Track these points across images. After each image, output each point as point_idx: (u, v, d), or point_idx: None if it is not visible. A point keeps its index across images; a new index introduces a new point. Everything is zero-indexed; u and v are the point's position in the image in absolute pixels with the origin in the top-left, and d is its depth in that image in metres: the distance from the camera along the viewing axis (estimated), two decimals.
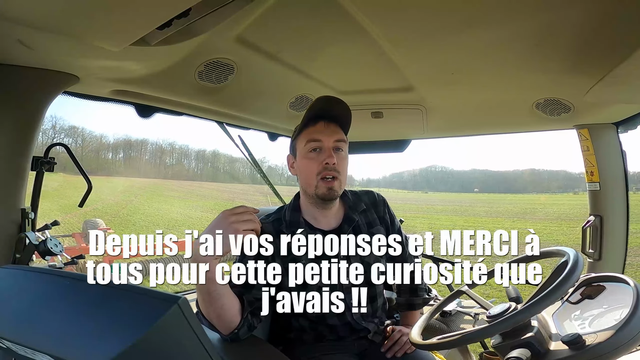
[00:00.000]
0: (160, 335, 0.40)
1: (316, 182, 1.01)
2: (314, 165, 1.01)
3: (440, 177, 65.55)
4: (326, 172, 1.00)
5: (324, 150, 1.01)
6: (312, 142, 1.01)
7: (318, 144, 1.01)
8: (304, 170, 1.03)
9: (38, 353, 0.43)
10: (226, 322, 0.87)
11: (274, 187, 1.88)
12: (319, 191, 1.01)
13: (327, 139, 1.01)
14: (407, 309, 1.20)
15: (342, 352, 1.05)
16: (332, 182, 1.01)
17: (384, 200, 1.16)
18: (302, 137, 1.03)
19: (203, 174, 54.92)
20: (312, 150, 1.01)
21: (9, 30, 0.74)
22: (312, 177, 1.01)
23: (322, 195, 1.01)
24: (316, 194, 1.02)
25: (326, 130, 1.02)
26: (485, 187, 50.30)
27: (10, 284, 0.55)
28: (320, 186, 1.01)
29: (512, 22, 0.94)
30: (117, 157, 52.06)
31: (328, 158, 1.00)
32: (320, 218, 1.07)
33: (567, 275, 0.73)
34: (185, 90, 1.23)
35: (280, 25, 0.99)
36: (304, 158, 1.03)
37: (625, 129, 1.52)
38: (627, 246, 1.56)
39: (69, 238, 7.66)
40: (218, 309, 0.85)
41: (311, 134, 1.02)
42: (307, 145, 1.02)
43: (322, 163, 1.00)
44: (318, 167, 1.00)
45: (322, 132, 1.01)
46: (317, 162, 1.01)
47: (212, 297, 0.83)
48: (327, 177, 1.00)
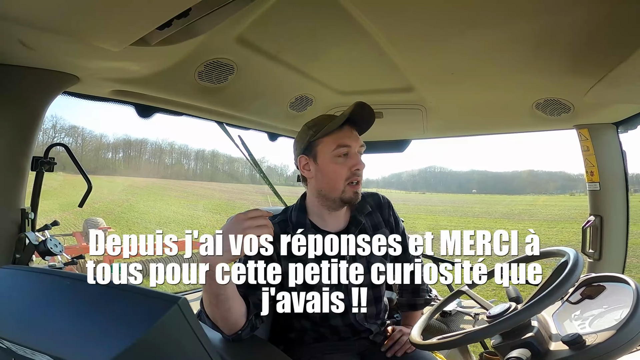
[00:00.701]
0: (160, 335, 0.40)
1: (344, 186, 1.01)
2: (343, 170, 1.01)
3: (439, 177, 65.82)
4: (354, 177, 1.01)
5: (351, 155, 1.01)
6: (343, 147, 1.01)
7: (347, 149, 1.01)
8: (331, 175, 1.02)
9: (38, 353, 0.43)
10: (231, 324, 0.87)
11: (274, 188, 1.88)
12: (346, 195, 1.02)
13: (355, 144, 1.02)
14: (409, 309, 1.21)
15: (343, 352, 1.05)
16: (358, 187, 1.03)
17: (389, 202, 1.16)
18: (329, 141, 1.02)
19: (202, 173, 55.12)
20: (341, 155, 1.01)
21: (9, 30, 0.74)
22: (341, 181, 1.01)
23: (348, 199, 1.02)
24: (342, 198, 1.02)
25: (352, 135, 1.03)
26: (483, 188, 50.60)
27: (10, 284, 0.55)
28: (348, 190, 1.02)
29: (512, 23, 0.94)
30: (117, 156, 52.26)
31: (358, 164, 1.01)
32: (329, 220, 1.07)
33: (567, 276, 0.73)
34: (185, 90, 1.23)
35: (280, 25, 0.99)
36: (332, 163, 1.02)
37: (625, 129, 1.52)
38: (627, 246, 1.56)
39: (70, 237, 7.66)
40: (225, 311, 0.84)
41: (341, 138, 1.01)
42: (336, 150, 1.01)
43: (350, 168, 1.01)
44: (347, 173, 1.01)
45: (350, 137, 1.02)
46: (346, 167, 1.01)
47: (219, 300, 0.82)
48: (354, 182, 1.01)
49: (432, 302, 1.57)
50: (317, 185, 1.05)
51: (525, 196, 36.29)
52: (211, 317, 0.86)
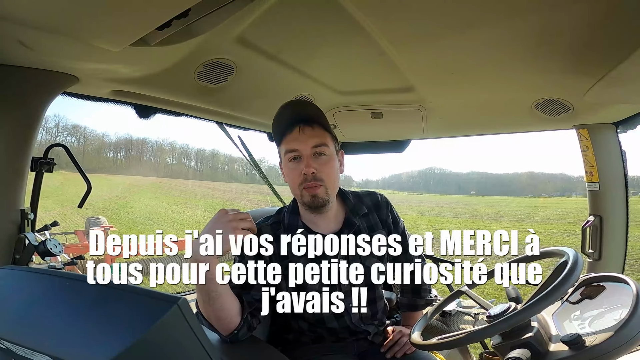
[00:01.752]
0: (160, 335, 0.40)
1: (300, 191, 1.00)
2: (295, 176, 0.99)
3: (438, 179, 66.01)
4: (306, 182, 0.98)
5: (303, 158, 0.98)
6: (290, 153, 0.99)
7: (295, 153, 0.99)
8: (288, 180, 1.03)
9: (37, 354, 0.43)
10: (226, 323, 0.87)
11: (274, 188, 1.88)
12: (304, 199, 1.00)
13: (304, 146, 0.98)
14: (409, 310, 1.20)
15: (342, 353, 1.05)
16: (316, 190, 0.98)
17: (387, 202, 1.14)
18: (282, 146, 1.02)
19: (201, 173, 55.27)
20: (291, 160, 1.00)
21: (9, 30, 0.74)
22: (295, 187, 1.00)
23: (307, 203, 1.00)
24: (304, 202, 1.01)
25: (302, 137, 0.98)
26: (482, 189, 50.78)
27: (10, 285, 0.55)
28: (305, 194, 0.99)
29: (511, 22, 0.94)
30: (118, 155, 52.39)
31: (305, 169, 0.97)
32: (319, 222, 1.05)
33: (567, 276, 0.73)
34: (184, 90, 1.23)
35: (280, 25, 0.99)
36: (286, 168, 1.02)
37: (625, 129, 1.52)
38: (627, 246, 1.56)
39: (72, 235, 7.67)
40: (217, 309, 0.85)
41: (288, 143, 0.99)
42: (286, 155, 1.00)
43: (301, 173, 0.98)
44: (299, 178, 0.98)
45: (298, 139, 0.98)
46: (297, 172, 0.99)
47: (211, 298, 0.83)
48: (308, 186, 0.98)
49: (432, 302, 1.57)
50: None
51: (524, 198, 36.59)
52: (206, 316, 0.86)
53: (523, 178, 55.35)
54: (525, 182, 52.70)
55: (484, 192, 47.12)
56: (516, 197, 36.83)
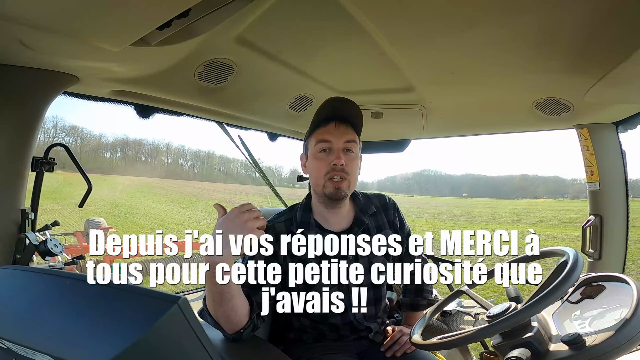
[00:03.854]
0: (160, 335, 0.40)
1: (324, 182, 1.02)
2: (322, 166, 1.02)
3: (432, 180, 66.30)
4: (334, 173, 1.01)
5: (333, 151, 1.02)
6: (322, 143, 1.03)
7: (328, 144, 1.02)
8: (313, 170, 1.05)
9: (38, 353, 0.43)
10: (234, 323, 0.87)
11: (274, 188, 1.88)
12: (327, 190, 1.02)
13: (337, 140, 1.02)
14: (412, 310, 1.20)
15: (342, 352, 1.05)
16: (340, 183, 1.02)
17: (395, 204, 1.17)
18: (313, 138, 1.05)
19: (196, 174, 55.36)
20: (321, 151, 1.03)
21: (9, 30, 0.74)
22: (321, 177, 1.03)
23: (329, 195, 1.03)
24: (324, 193, 1.03)
25: (336, 132, 1.03)
26: (474, 191, 51.02)
27: (11, 285, 0.55)
28: (328, 186, 1.02)
29: (512, 22, 0.94)
30: (115, 156, 52.54)
31: (336, 159, 1.01)
32: (331, 218, 1.07)
33: (567, 275, 0.73)
34: (185, 90, 1.23)
35: (280, 25, 0.99)
36: (314, 158, 1.04)
37: (625, 129, 1.52)
38: (627, 246, 1.56)
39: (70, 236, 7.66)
40: (228, 310, 0.84)
41: (322, 134, 1.03)
42: (317, 145, 1.03)
43: (330, 164, 1.01)
44: (326, 168, 1.02)
45: (332, 133, 1.03)
46: (325, 162, 1.02)
47: (224, 299, 0.82)
48: (334, 177, 1.01)
49: (434, 303, 1.57)
50: (310, 182, 1.08)
51: (513, 200, 36.99)
52: (214, 315, 0.86)
53: (516, 180, 55.58)
54: (517, 185, 52.98)
55: (476, 194, 47.38)
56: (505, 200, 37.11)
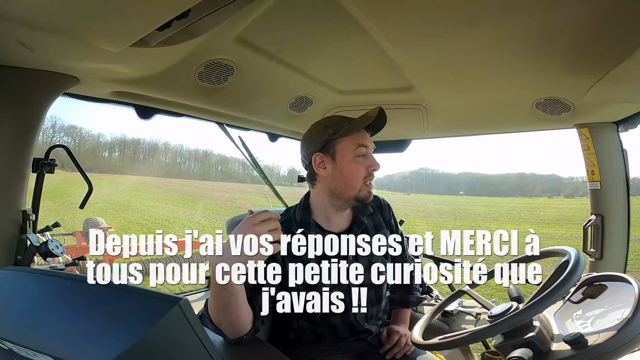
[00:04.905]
0: (161, 336, 0.40)
1: (361, 185, 1.04)
2: (361, 170, 1.04)
3: (430, 179, 66.56)
4: (370, 177, 1.05)
5: (368, 155, 1.05)
6: (362, 147, 1.04)
7: (366, 150, 1.05)
8: (349, 174, 1.04)
9: (39, 354, 0.43)
10: (237, 331, 0.86)
11: (274, 188, 1.88)
12: (362, 194, 1.04)
13: (371, 145, 1.08)
14: (401, 306, 1.20)
15: (341, 354, 1.05)
16: (371, 187, 1.07)
17: (389, 204, 1.18)
18: (349, 141, 1.04)
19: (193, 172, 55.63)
20: (361, 155, 1.05)
21: (9, 31, 0.74)
22: (359, 180, 1.04)
23: (363, 198, 1.05)
24: (356, 197, 1.05)
25: (369, 140, 1.08)
26: (471, 190, 51.24)
27: (12, 286, 0.55)
28: (363, 189, 1.04)
29: (512, 21, 0.94)
30: (113, 155, 52.77)
31: (375, 165, 1.06)
32: (334, 220, 1.08)
33: (569, 275, 0.73)
34: (185, 91, 1.23)
35: (280, 25, 0.99)
36: (352, 162, 1.04)
37: (626, 128, 1.52)
38: (629, 245, 1.55)
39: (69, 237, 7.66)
40: (234, 319, 0.84)
41: (361, 139, 1.05)
42: (357, 149, 1.04)
43: (368, 168, 1.04)
44: (365, 172, 1.04)
45: (367, 139, 1.07)
46: (363, 166, 1.04)
47: (229, 309, 0.81)
48: (368, 181, 1.05)
49: (431, 302, 1.57)
50: (331, 184, 1.05)
51: (505, 198, 37.12)
52: (216, 323, 0.85)
53: (513, 179, 55.73)
54: (514, 183, 53.14)
55: (473, 192, 47.54)
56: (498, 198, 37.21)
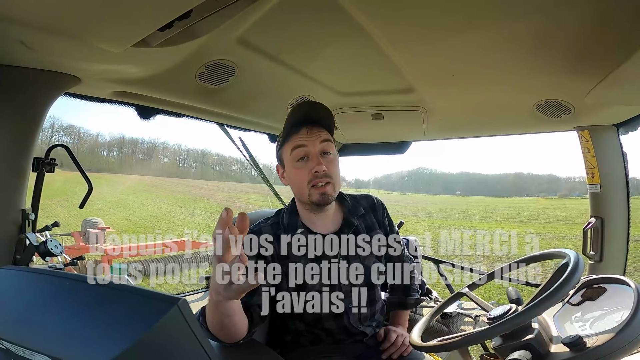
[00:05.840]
0: (159, 336, 0.40)
1: (308, 190, 0.99)
2: (303, 174, 0.99)
3: (427, 179, 66.68)
4: (317, 180, 0.98)
5: (311, 157, 0.99)
6: (299, 149, 0.98)
7: (304, 149, 0.98)
8: (295, 180, 1.02)
9: (37, 354, 0.43)
10: (233, 338, 0.86)
11: (274, 188, 1.88)
12: (313, 198, 0.99)
13: (313, 143, 0.99)
14: (399, 308, 1.19)
15: (339, 355, 1.05)
16: (325, 188, 0.99)
17: (383, 204, 1.15)
18: (287, 146, 1.01)
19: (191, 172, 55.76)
20: (299, 160, 0.99)
21: (10, 31, 0.75)
22: (304, 186, 0.99)
23: (317, 202, 1.00)
24: (311, 201, 1.00)
25: (310, 136, 0.99)
26: (467, 190, 51.40)
27: (10, 285, 0.55)
28: (313, 193, 0.99)
29: (512, 24, 0.94)
30: (111, 154, 52.91)
31: (317, 166, 0.97)
32: (318, 222, 1.05)
33: (568, 277, 0.73)
34: (186, 91, 1.23)
35: (281, 26, 1.00)
36: (293, 168, 1.01)
37: (626, 131, 1.52)
38: (628, 248, 1.55)
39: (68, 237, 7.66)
40: (231, 327, 0.82)
41: (296, 140, 0.99)
42: (293, 153, 0.99)
43: (311, 171, 0.98)
44: (308, 176, 0.98)
45: (306, 138, 0.99)
46: (306, 170, 0.98)
47: (224, 321, 0.80)
48: (318, 184, 0.98)
49: (430, 304, 1.57)
50: (292, 191, 1.05)
51: (501, 198, 37.25)
52: (212, 331, 0.84)
53: (510, 179, 55.82)
54: (511, 183, 53.24)
55: (469, 192, 47.65)
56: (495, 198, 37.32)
